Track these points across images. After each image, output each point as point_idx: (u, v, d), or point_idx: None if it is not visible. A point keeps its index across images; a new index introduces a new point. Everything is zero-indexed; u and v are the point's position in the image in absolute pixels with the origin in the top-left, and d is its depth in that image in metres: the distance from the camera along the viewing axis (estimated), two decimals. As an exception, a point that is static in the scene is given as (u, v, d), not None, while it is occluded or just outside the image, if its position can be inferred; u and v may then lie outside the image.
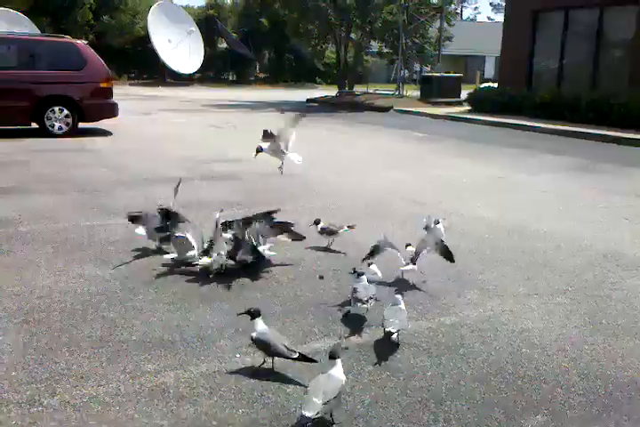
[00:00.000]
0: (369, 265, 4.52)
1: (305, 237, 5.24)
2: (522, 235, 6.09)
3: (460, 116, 19.06)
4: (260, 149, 5.59)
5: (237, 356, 3.45)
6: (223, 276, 4.61)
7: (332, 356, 2.85)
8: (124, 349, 3.46)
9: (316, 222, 5.41)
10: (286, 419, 2.84)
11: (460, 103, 22.87)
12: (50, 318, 3.83)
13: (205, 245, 4.77)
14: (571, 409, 3.02)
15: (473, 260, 5.26)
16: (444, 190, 8.29)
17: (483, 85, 24.08)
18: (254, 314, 3.31)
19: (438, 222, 4.93)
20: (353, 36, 31.66)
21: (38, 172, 8.71)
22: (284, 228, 5.07)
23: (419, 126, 16.81)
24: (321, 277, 4.74)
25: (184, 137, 13.39)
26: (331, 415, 2.78)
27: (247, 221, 4.90)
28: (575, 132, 14.89)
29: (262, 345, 3.26)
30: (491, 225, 6.45)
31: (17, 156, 10.03)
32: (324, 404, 2.62)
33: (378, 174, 9.38)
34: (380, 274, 4.50)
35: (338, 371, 2.81)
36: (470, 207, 7.24)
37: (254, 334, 3.27)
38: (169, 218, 4.91)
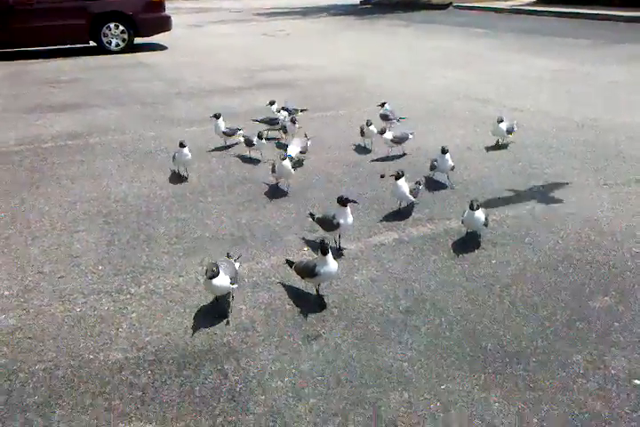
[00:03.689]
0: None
1: None
2: (591, 127, 5.84)
3: (525, 8, 17.79)
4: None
5: (305, 250, 3.58)
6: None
7: None
8: (198, 244, 3.65)
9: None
10: (353, 301, 2.99)
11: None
12: (127, 219, 4.06)
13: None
14: None
15: (539, 154, 5.13)
16: (508, 87, 7.93)
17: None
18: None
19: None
20: None
21: (100, 88, 8.86)
22: None
23: (479, 22, 15.85)
24: (382, 177, 4.76)
25: (237, 47, 13.17)
26: None
27: None
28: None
29: None
30: (558, 119, 6.20)
31: (78, 73, 10.19)
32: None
33: (437, 74, 9.04)
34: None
35: None
36: (536, 102, 6.94)
37: None
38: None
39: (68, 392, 2.36)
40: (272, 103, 6.12)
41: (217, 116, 5.40)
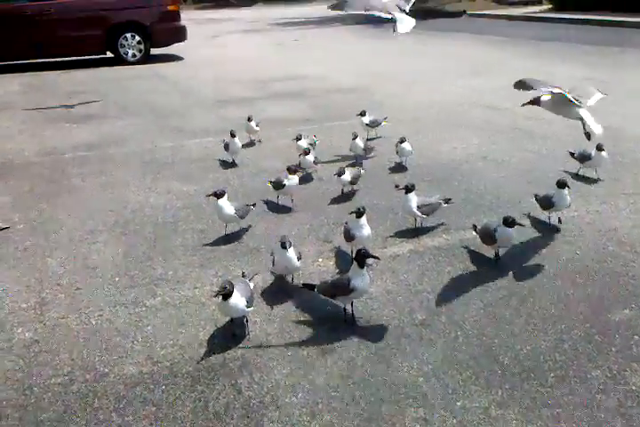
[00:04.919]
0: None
1: None
2: (610, 137, 5.74)
3: (541, 15, 17.75)
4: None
5: (320, 260, 3.58)
6: (303, 189, 4.69)
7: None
8: (214, 256, 3.66)
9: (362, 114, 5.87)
10: (367, 314, 2.97)
11: (539, 2, 21.23)
12: (144, 230, 4.08)
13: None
14: (660, 303, 2.97)
15: (556, 163, 5.08)
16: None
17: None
18: None
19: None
20: None
21: (117, 99, 8.95)
22: None
23: (494, 30, 15.82)
24: (397, 187, 4.74)
25: (251, 57, 13.25)
26: None
27: None
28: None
29: None
30: (575, 127, 6.13)
31: (96, 85, 10.31)
32: None
33: (451, 83, 9.01)
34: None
35: None
36: (553, 110, 6.89)
37: None
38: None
39: (82, 408, 2.36)
40: (299, 139, 5.34)
41: (233, 135, 5.28)
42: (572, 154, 4.79)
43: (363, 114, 5.90)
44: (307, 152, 4.82)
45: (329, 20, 22.14)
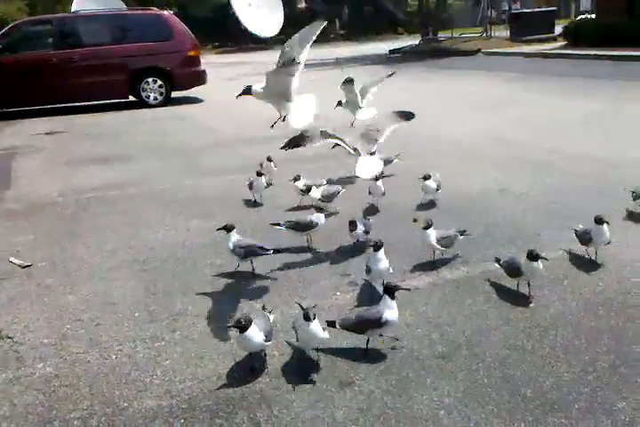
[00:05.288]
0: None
1: None
2: (629, 168, 5.76)
3: (556, 52, 17.96)
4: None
5: (337, 294, 3.57)
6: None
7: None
8: (233, 290, 3.68)
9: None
10: (393, 353, 2.94)
11: (554, 39, 21.51)
12: (163, 266, 4.13)
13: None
14: (686, 334, 2.91)
15: (575, 196, 5.07)
16: (543, 129, 7.93)
17: (578, 18, 22.49)
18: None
19: None
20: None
21: (139, 140, 9.19)
22: None
23: (510, 67, 16.03)
24: (414, 221, 4.74)
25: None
26: None
27: None
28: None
29: None
30: (594, 161, 6.14)
31: (120, 127, 10.61)
32: None
33: (469, 118, 9.11)
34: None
35: None
36: (572, 144, 6.91)
37: None
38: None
39: (101, 441, 2.36)
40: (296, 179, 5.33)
41: (259, 174, 5.40)
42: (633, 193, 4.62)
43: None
44: (308, 189, 4.89)
45: (345, 61, 22.63)
